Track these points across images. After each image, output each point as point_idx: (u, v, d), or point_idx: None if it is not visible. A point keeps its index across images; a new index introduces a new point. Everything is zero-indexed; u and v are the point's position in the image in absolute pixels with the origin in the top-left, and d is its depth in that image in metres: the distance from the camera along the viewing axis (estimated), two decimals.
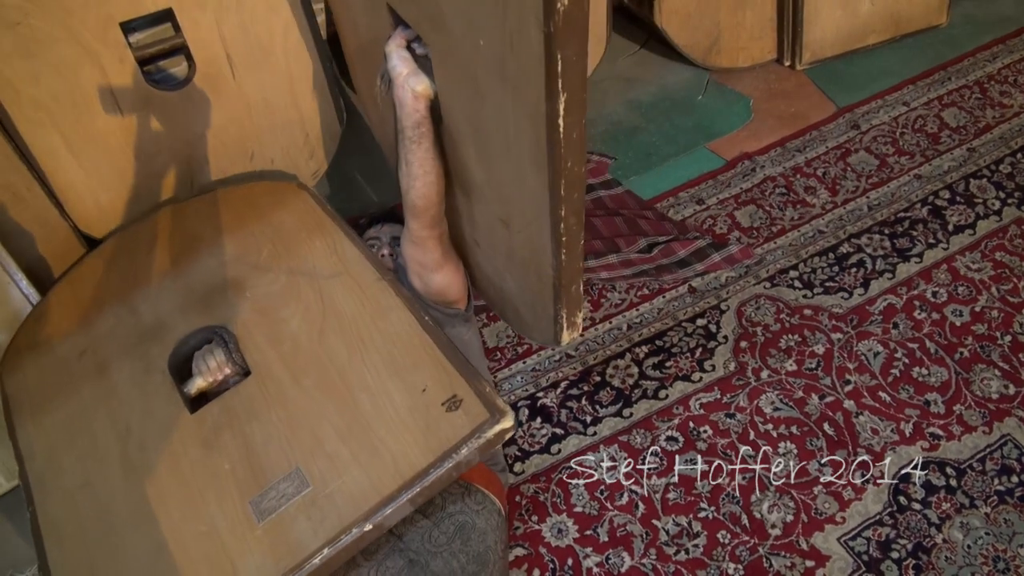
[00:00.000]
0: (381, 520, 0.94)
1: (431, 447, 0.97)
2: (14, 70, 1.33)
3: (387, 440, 1.00)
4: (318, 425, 1.05)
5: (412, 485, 0.95)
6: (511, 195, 1.09)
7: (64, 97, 1.39)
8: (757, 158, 1.96)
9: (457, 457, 0.95)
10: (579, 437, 1.52)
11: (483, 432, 0.96)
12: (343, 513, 0.95)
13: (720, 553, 1.37)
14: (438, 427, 0.99)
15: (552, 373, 1.61)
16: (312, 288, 1.22)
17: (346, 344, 1.13)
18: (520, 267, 1.20)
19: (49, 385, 1.24)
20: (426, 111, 1.13)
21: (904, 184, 1.88)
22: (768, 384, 1.56)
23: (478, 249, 1.32)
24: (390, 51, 1.14)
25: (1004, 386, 1.52)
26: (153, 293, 1.32)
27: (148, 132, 1.49)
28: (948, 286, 1.68)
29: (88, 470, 1.11)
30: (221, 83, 1.51)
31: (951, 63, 2.15)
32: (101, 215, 1.53)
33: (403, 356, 1.09)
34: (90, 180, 1.49)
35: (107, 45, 1.37)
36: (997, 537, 1.35)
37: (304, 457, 1.02)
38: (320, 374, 1.11)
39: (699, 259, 1.74)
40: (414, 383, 1.04)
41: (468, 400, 0.99)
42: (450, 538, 1.14)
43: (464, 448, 0.95)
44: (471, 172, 1.17)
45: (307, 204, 1.38)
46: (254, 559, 0.95)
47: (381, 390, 1.06)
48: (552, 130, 0.87)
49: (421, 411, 1.01)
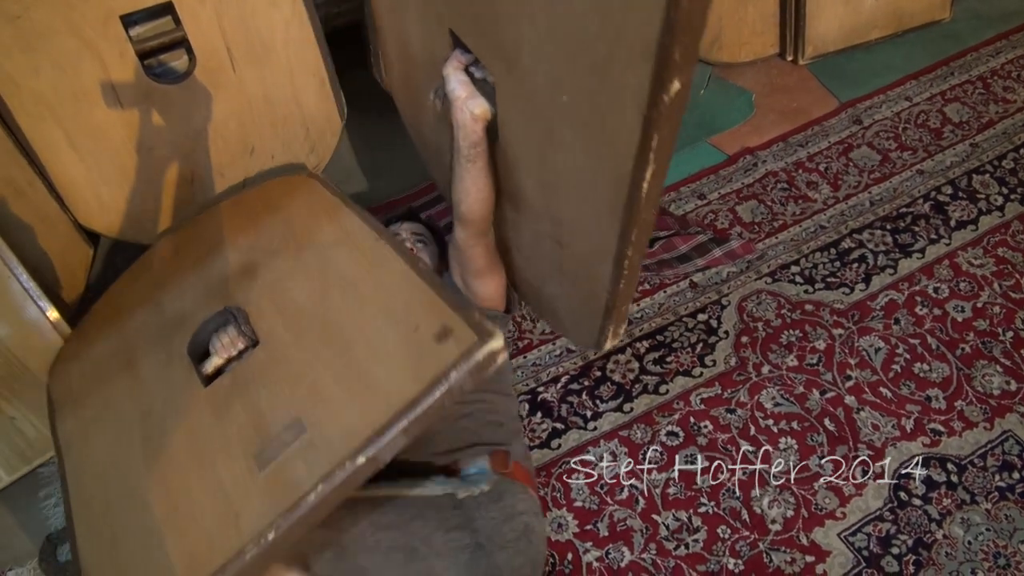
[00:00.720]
0: (375, 453, 0.93)
1: (422, 377, 0.96)
2: (14, 63, 1.33)
3: (381, 378, 1.00)
4: (318, 376, 1.07)
5: (403, 415, 0.94)
6: (572, 224, 1.13)
7: (65, 91, 1.39)
8: (759, 153, 1.95)
9: (448, 383, 0.93)
10: (579, 432, 1.52)
11: (472, 355, 0.94)
12: (336, 449, 0.95)
13: (720, 548, 1.36)
14: (430, 358, 0.98)
15: (553, 368, 1.61)
16: (317, 258, 1.25)
17: (346, 301, 1.14)
18: (568, 281, 1.24)
19: (86, 385, 1.31)
20: (483, 132, 1.16)
21: (906, 179, 1.87)
22: (769, 379, 1.56)
23: (519, 254, 1.36)
24: (448, 74, 1.16)
25: (1005, 382, 1.52)
26: (176, 292, 1.36)
27: (149, 126, 1.49)
28: (950, 282, 1.68)
29: (114, 453, 1.17)
30: (221, 77, 1.51)
31: (954, 58, 2.14)
32: (101, 209, 1.53)
33: (398, 302, 1.10)
34: (90, 174, 1.49)
35: (107, 39, 1.37)
36: (998, 533, 1.35)
37: (304, 407, 1.04)
38: (321, 331, 1.13)
39: (700, 254, 1.74)
40: (408, 323, 1.05)
41: (457, 328, 0.98)
42: (517, 537, 1.16)
43: (453, 373, 0.93)
44: (524, 192, 1.21)
45: (316, 191, 1.41)
46: (255, 506, 0.96)
47: (377, 336, 1.06)
48: (635, 190, 0.92)
49: (414, 347, 1.01)
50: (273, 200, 1.44)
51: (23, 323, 1.38)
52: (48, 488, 1.48)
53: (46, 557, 1.39)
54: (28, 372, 1.41)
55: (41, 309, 1.39)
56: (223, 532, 0.97)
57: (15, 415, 1.43)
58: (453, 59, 1.17)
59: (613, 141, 0.91)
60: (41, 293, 1.38)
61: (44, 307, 1.39)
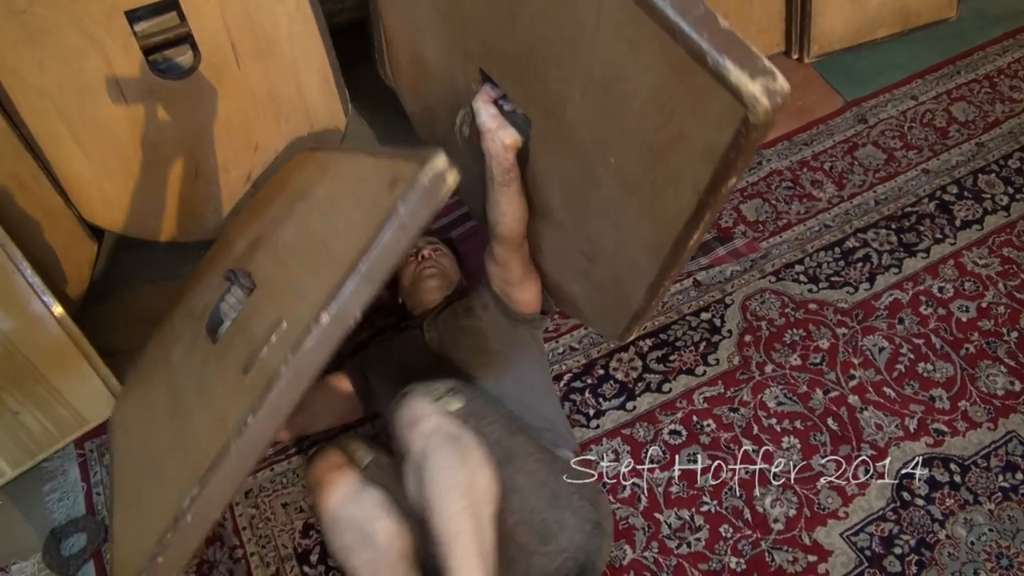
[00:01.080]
0: (337, 309, 0.92)
1: (375, 220, 0.94)
2: (19, 58, 1.33)
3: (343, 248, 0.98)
4: (297, 282, 1.07)
5: (359, 262, 0.92)
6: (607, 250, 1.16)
7: (69, 86, 1.39)
8: (763, 151, 1.95)
9: (396, 216, 0.91)
10: (582, 430, 1.51)
11: (417, 182, 0.91)
12: (303, 321, 0.94)
13: (722, 547, 1.36)
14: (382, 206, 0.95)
15: (556, 366, 1.61)
16: (304, 202, 1.28)
17: (322, 214, 1.16)
18: (595, 288, 1.28)
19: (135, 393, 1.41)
20: (514, 159, 1.20)
21: (912, 179, 1.87)
22: (772, 378, 1.55)
23: (539, 253, 1.38)
24: (478, 108, 1.20)
25: (1010, 382, 1.52)
26: (201, 289, 1.40)
27: (153, 122, 1.49)
28: (955, 281, 1.67)
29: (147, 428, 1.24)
30: (226, 73, 1.51)
31: (960, 57, 2.13)
32: (106, 204, 1.54)
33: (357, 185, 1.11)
34: (95, 169, 1.49)
35: (112, 34, 1.37)
36: (1001, 534, 1.34)
37: (285, 309, 1.04)
38: (302, 248, 1.14)
39: (704, 252, 1.74)
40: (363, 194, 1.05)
41: (402, 170, 0.96)
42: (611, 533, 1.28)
43: (400, 205, 0.90)
44: (553, 211, 1.24)
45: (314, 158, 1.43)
46: (239, 405, 0.96)
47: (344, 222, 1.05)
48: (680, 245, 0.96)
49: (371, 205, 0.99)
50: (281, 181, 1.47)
51: (27, 318, 1.39)
52: (52, 483, 1.49)
53: (50, 551, 1.39)
54: (32, 367, 1.41)
55: (46, 304, 1.39)
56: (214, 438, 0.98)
57: (19, 410, 1.43)
58: (483, 93, 1.20)
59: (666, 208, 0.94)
60: (45, 288, 1.39)
61: (49, 302, 1.39)
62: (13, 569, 1.40)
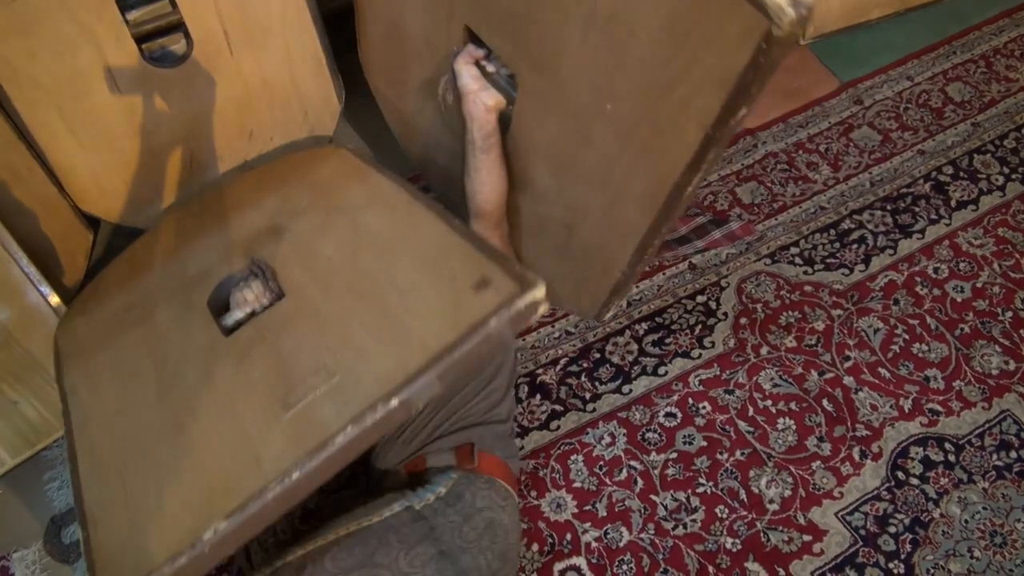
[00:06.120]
0: (408, 396, 0.90)
1: (459, 323, 0.92)
2: (11, 48, 1.33)
3: (415, 326, 0.97)
4: (348, 326, 1.04)
5: (440, 359, 0.90)
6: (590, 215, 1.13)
7: (62, 75, 1.38)
8: (759, 134, 1.95)
9: (486, 330, 0.90)
10: (578, 414, 1.52)
11: (513, 303, 0.91)
12: (368, 392, 0.92)
13: (718, 528, 1.37)
14: (467, 306, 0.94)
15: (552, 350, 1.61)
16: (347, 218, 1.22)
17: (377, 256, 1.12)
18: (574, 261, 1.24)
19: (98, 335, 1.27)
20: (496, 123, 1.16)
21: (907, 160, 1.87)
22: (767, 360, 1.56)
23: (516, 235, 1.35)
24: (460, 69, 1.16)
25: (1004, 362, 1.52)
26: (199, 250, 1.33)
27: (147, 110, 1.49)
28: (950, 262, 1.67)
29: (125, 398, 1.13)
30: (219, 60, 1.50)
31: (956, 37, 2.13)
32: (101, 194, 1.54)
33: (432, 254, 1.07)
34: (89, 159, 1.49)
35: (104, 22, 1.37)
36: (995, 512, 1.36)
37: (333, 354, 1.01)
38: (351, 284, 1.10)
39: (699, 236, 1.74)
40: (442, 274, 1.02)
41: (497, 278, 0.95)
42: (480, 535, 1.15)
43: (493, 320, 0.90)
44: (534, 179, 1.21)
45: (345, 158, 1.38)
46: (278, 446, 0.93)
47: (410, 286, 1.04)
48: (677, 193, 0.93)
49: (450, 296, 0.98)
50: (302, 166, 1.42)
51: (24, 308, 1.39)
52: (52, 471, 1.50)
53: (50, 539, 1.40)
54: (30, 356, 1.41)
55: (42, 294, 1.39)
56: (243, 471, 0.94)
57: (18, 399, 1.44)
58: (466, 53, 1.17)
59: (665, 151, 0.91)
60: (42, 278, 1.39)
61: (45, 292, 1.39)
62: (14, 557, 1.41)
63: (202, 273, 1.27)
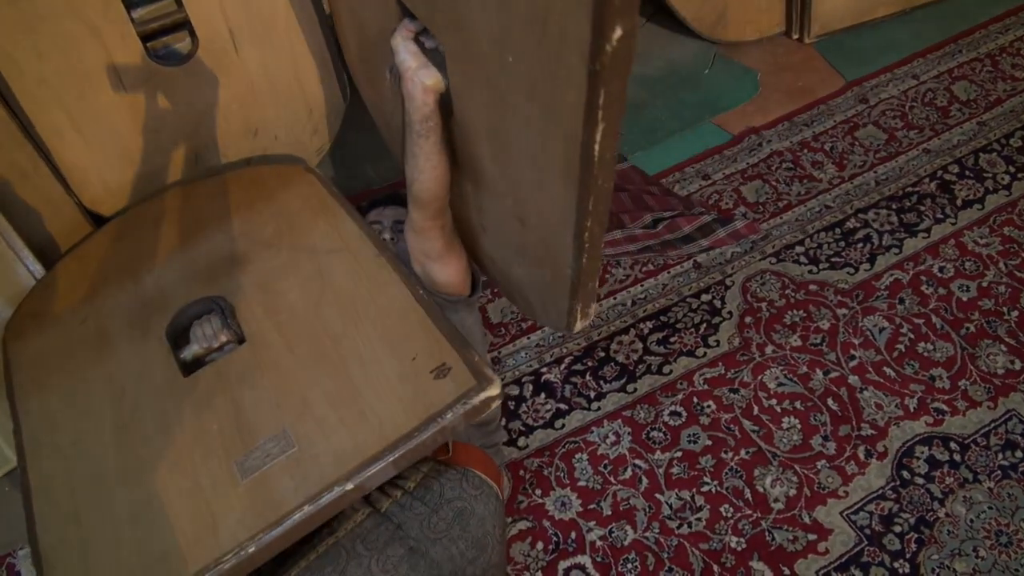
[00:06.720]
0: (362, 481, 0.95)
1: (417, 412, 0.98)
2: (17, 46, 1.33)
3: (375, 405, 1.02)
4: (308, 390, 1.06)
5: (396, 447, 0.96)
6: (530, 198, 1.08)
7: (68, 74, 1.39)
8: (764, 132, 1.94)
9: (442, 422, 0.96)
10: (583, 412, 1.52)
11: (469, 399, 0.97)
12: (325, 472, 0.96)
13: (723, 527, 1.37)
14: (426, 393, 1.00)
15: (556, 349, 1.61)
16: (312, 263, 1.24)
17: (341, 316, 1.14)
18: (533, 261, 1.19)
19: (51, 350, 1.27)
20: (435, 105, 1.09)
21: (913, 158, 1.86)
22: (772, 359, 1.56)
23: (485, 235, 1.30)
24: (397, 44, 1.08)
25: (1010, 361, 1.52)
26: (158, 267, 1.33)
27: (152, 108, 1.49)
28: (955, 261, 1.67)
29: (81, 429, 1.14)
30: (224, 59, 1.51)
31: (962, 35, 2.12)
32: (106, 192, 1.54)
33: (396, 327, 1.10)
34: (95, 157, 1.49)
35: (109, 20, 1.37)
36: (1000, 511, 1.35)
37: (292, 420, 1.04)
38: (314, 343, 1.12)
39: (704, 235, 1.74)
40: (405, 352, 1.06)
41: (456, 368, 1.01)
42: (449, 524, 1.13)
43: (449, 413, 0.96)
44: (483, 168, 1.15)
45: (313, 186, 1.39)
46: (235, 514, 0.96)
47: (372, 359, 1.07)
48: (587, 153, 0.87)
49: (410, 378, 1.02)
50: (267, 187, 1.42)
51: None
52: None
53: None
54: None
55: None
56: (200, 535, 0.97)
57: None
58: (402, 28, 1.09)
59: (560, 99, 0.86)
60: None
61: None
62: (19, 554, 1.42)
63: (160, 294, 1.28)
